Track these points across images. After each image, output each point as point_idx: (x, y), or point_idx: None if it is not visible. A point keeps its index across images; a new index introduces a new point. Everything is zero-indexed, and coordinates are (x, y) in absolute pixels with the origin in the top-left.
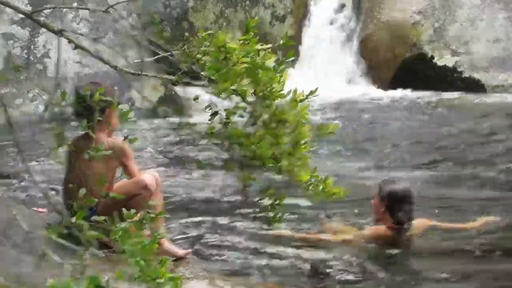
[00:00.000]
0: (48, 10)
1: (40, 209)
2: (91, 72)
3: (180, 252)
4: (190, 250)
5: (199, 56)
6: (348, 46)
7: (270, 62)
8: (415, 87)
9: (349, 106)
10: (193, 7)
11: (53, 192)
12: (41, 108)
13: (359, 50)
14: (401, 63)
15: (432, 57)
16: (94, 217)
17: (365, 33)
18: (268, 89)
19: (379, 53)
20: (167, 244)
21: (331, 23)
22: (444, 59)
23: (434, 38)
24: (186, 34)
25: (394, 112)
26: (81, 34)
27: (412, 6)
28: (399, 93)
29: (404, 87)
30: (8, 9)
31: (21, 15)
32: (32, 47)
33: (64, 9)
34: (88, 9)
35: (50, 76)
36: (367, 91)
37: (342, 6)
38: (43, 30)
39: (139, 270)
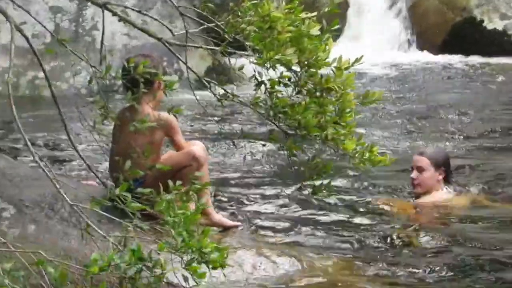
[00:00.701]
0: None
1: (90, 181)
2: (139, 44)
3: (230, 222)
4: (239, 223)
5: (243, 26)
6: (397, 12)
7: (315, 31)
8: (464, 52)
9: (399, 72)
10: None
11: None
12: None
13: (408, 16)
14: (451, 28)
15: (482, 21)
16: (140, 189)
17: None
18: (313, 57)
19: (429, 18)
20: (216, 215)
21: None
22: (494, 23)
23: (483, 1)
24: (231, 4)
25: (446, 79)
26: (125, 6)
27: None
28: (449, 58)
29: (454, 51)
30: None
31: None
32: (80, 19)
33: None
34: None
35: (98, 48)
36: (417, 56)
37: None
38: (91, 3)
39: (182, 241)
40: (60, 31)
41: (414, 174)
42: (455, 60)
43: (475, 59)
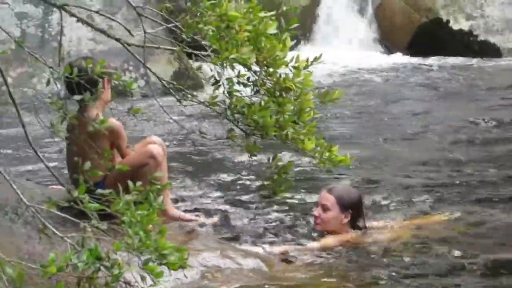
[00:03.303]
0: None
1: (54, 187)
2: (104, 49)
3: (187, 216)
4: (196, 218)
5: (201, 26)
6: (363, 13)
7: (272, 30)
8: (431, 53)
9: (364, 73)
10: None
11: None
12: (58, 86)
13: (375, 17)
14: (417, 29)
15: (448, 22)
16: (99, 191)
17: (380, 0)
18: (271, 57)
19: (395, 19)
20: (172, 211)
21: None
22: (459, 23)
23: (449, 2)
24: (188, 4)
25: (408, 79)
26: (81, 7)
27: None
28: (415, 59)
29: (421, 53)
30: None
31: None
32: (46, 25)
33: None
34: None
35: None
36: (382, 57)
37: None
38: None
39: (139, 240)
40: (26, 37)
41: (317, 211)
42: (421, 61)
43: (442, 60)
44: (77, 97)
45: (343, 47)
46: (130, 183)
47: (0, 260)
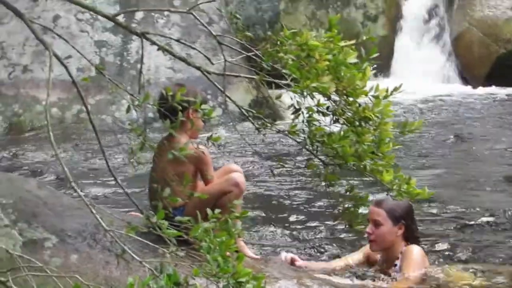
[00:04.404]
0: (140, 17)
1: (133, 213)
2: (183, 78)
3: (250, 254)
4: (259, 257)
5: (281, 54)
6: (441, 45)
7: (353, 59)
8: (510, 84)
9: (442, 104)
10: (284, 9)
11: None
12: (134, 114)
13: (452, 48)
14: (496, 60)
15: None
16: (178, 218)
17: (458, 31)
18: (351, 86)
19: (473, 50)
20: (240, 244)
21: (424, 22)
22: None
23: None
24: (269, 33)
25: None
26: (163, 35)
27: (504, 1)
28: (494, 90)
29: (499, 84)
30: (100, 17)
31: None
32: (125, 53)
33: (156, 15)
34: (170, 10)
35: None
36: (461, 89)
37: (435, 5)
38: (136, 36)
39: (217, 266)
40: (105, 65)
41: (369, 228)
42: (500, 92)
43: None
44: (157, 124)
45: (421, 78)
46: (209, 210)
47: (78, 284)
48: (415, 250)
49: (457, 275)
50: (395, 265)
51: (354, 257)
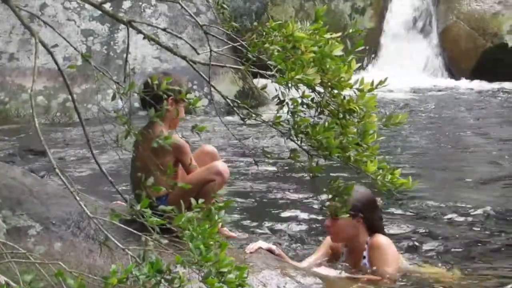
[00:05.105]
0: (127, 6)
1: (118, 202)
2: (169, 67)
3: (229, 233)
4: (236, 235)
5: (267, 45)
6: (428, 38)
7: (338, 51)
8: (496, 78)
9: (427, 97)
10: (272, 0)
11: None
12: (120, 103)
13: (439, 42)
14: (482, 54)
15: None
16: (161, 207)
17: (445, 25)
18: (336, 78)
19: (460, 44)
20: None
21: (412, 15)
22: None
23: None
24: (255, 24)
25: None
26: (149, 24)
27: None
28: (480, 84)
29: (485, 78)
30: (87, 6)
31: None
32: (111, 43)
33: (143, 4)
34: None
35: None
36: (447, 82)
37: None
38: (123, 26)
39: (199, 254)
40: (92, 54)
41: (328, 221)
42: (486, 86)
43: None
44: (143, 113)
45: (407, 71)
46: (193, 200)
47: (61, 271)
48: (382, 241)
49: (430, 269)
50: (364, 257)
51: (319, 253)
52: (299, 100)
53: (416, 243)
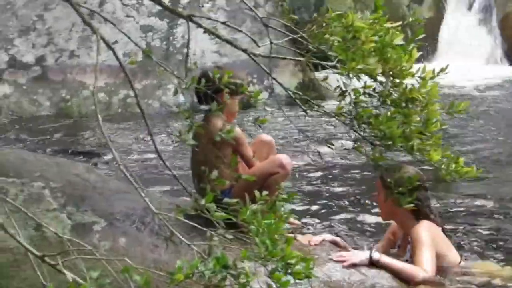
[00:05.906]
0: (185, 1)
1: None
2: (229, 62)
3: (296, 221)
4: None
5: (327, 36)
6: (487, 26)
7: (399, 40)
8: None
9: (489, 86)
10: None
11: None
12: (181, 98)
13: (499, 29)
14: None
15: None
16: (226, 200)
17: (505, 12)
18: (397, 68)
19: None
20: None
21: (470, 3)
22: None
23: None
24: (315, 15)
25: None
26: (209, 18)
27: None
28: None
29: None
30: (146, 2)
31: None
32: (171, 38)
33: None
34: None
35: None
36: (508, 70)
37: None
38: (182, 21)
39: (265, 249)
40: (151, 49)
41: (374, 194)
42: None
43: None
44: (204, 106)
45: (467, 60)
46: (257, 193)
47: (127, 267)
48: (421, 235)
49: (482, 266)
50: (409, 242)
51: (383, 242)
52: (361, 91)
53: (471, 239)
